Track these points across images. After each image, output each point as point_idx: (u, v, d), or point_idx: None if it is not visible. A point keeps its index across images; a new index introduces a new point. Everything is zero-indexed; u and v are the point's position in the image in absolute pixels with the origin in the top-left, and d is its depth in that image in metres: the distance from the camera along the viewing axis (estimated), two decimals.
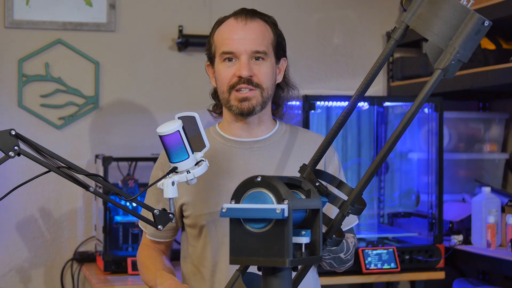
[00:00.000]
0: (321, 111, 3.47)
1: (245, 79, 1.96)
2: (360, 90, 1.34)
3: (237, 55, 1.98)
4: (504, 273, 3.33)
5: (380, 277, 3.19)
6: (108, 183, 1.62)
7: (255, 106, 1.98)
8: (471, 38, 1.21)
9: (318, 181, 1.35)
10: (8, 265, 3.43)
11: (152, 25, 3.64)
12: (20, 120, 3.46)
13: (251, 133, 2.06)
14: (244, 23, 2.00)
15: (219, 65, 2.02)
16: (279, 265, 1.24)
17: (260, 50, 1.98)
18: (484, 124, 3.79)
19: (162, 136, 1.62)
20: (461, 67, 1.24)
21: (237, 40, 1.99)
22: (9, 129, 1.50)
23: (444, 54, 1.22)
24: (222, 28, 2.05)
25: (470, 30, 1.20)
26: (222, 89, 2.01)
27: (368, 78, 1.33)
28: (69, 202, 3.51)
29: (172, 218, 1.66)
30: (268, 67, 2.00)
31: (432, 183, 3.35)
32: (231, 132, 2.06)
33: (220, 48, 2.01)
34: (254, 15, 2.03)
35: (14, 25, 3.45)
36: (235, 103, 1.99)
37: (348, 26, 3.92)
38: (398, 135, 1.26)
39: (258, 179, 1.27)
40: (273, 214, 1.22)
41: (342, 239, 1.35)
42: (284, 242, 1.23)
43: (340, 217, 1.32)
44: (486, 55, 3.40)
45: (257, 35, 2.00)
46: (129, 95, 3.61)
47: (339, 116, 1.38)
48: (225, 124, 2.08)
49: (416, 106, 1.24)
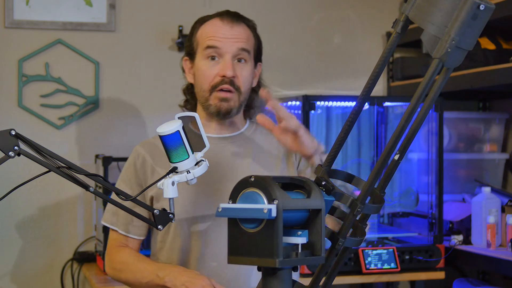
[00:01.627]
0: (321, 111, 3.47)
1: (228, 80, 1.99)
2: (367, 88, 1.31)
3: (221, 53, 2.01)
4: (504, 273, 3.33)
5: (380, 277, 3.18)
6: (108, 183, 1.62)
7: (232, 107, 2.03)
8: (469, 24, 1.16)
9: (326, 180, 1.33)
10: (8, 265, 3.43)
11: (152, 25, 3.64)
12: (20, 120, 3.46)
13: (222, 131, 2.10)
14: (230, 26, 2.05)
15: (201, 61, 2.04)
16: (269, 265, 1.24)
17: (246, 47, 2.03)
18: (484, 124, 3.79)
19: (162, 136, 1.62)
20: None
21: (223, 38, 2.02)
22: (9, 129, 1.50)
23: (440, 43, 1.18)
24: (207, 26, 2.08)
25: (465, 15, 1.15)
26: (203, 87, 2.04)
27: (374, 73, 1.30)
28: (69, 202, 3.51)
29: (172, 218, 1.66)
30: (249, 70, 2.05)
31: (432, 183, 3.35)
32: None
33: (204, 43, 2.03)
34: (239, 18, 2.08)
35: (14, 25, 3.45)
36: (215, 102, 2.02)
37: (348, 26, 3.92)
38: (408, 117, 1.21)
39: (251, 179, 1.28)
40: (260, 214, 1.23)
41: (362, 239, 1.33)
42: (273, 242, 1.22)
43: (352, 216, 1.29)
44: (486, 55, 3.39)
45: (242, 36, 2.04)
46: (129, 95, 3.60)
47: (349, 115, 1.35)
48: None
49: (417, 96, 1.19)
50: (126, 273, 2.02)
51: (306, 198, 1.29)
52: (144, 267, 1.98)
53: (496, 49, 3.43)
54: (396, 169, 1.29)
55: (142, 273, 1.98)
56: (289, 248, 1.27)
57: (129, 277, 2.02)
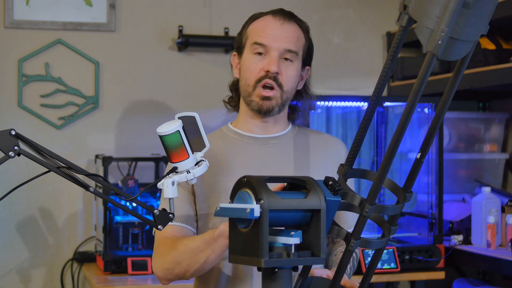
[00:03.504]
0: (321, 111, 3.47)
1: (272, 75, 1.97)
2: (379, 86, 1.25)
3: (268, 50, 1.99)
4: (504, 273, 3.33)
5: (380, 277, 3.18)
6: (108, 183, 1.61)
7: (274, 106, 2.00)
8: (462, 13, 1.10)
9: (333, 180, 1.31)
10: (8, 265, 3.43)
11: (152, 25, 3.64)
12: (20, 120, 3.46)
13: (266, 130, 2.07)
14: (281, 22, 2.02)
15: (248, 56, 2.03)
16: (256, 265, 1.24)
17: (292, 49, 2.00)
18: (484, 124, 3.79)
19: (162, 136, 1.62)
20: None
21: (271, 35, 2.00)
22: (9, 129, 1.49)
23: (432, 35, 1.13)
24: (258, 22, 2.05)
25: (454, 4, 1.10)
26: (248, 82, 2.01)
27: (386, 69, 1.24)
28: (69, 202, 3.51)
29: (172, 218, 1.65)
30: (294, 70, 2.02)
31: (432, 183, 3.35)
32: (247, 128, 2.07)
33: (253, 39, 2.02)
34: (291, 17, 2.05)
35: (14, 25, 3.45)
36: (257, 100, 2.00)
37: (348, 26, 3.92)
38: (406, 119, 1.19)
39: (244, 179, 1.28)
40: (243, 214, 1.23)
41: (386, 240, 1.30)
42: (259, 242, 1.22)
43: (361, 218, 1.26)
44: (486, 55, 3.40)
45: (292, 36, 2.01)
46: (129, 95, 3.61)
47: (364, 115, 1.32)
48: (240, 120, 2.09)
49: (414, 91, 1.14)
50: (181, 265, 1.88)
51: (304, 198, 1.29)
52: (194, 240, 1.86)
53: (496, 49, 3.43)
54: (420, 168, 1.26)
55: (193, 244, 1.85)
56: (281, 248, 1.27)
57: (189, 264, 1.87)
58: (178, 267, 1.89)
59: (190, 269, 1.87)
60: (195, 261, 1.85)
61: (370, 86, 3.88)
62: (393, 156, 1.22)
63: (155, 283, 2.98)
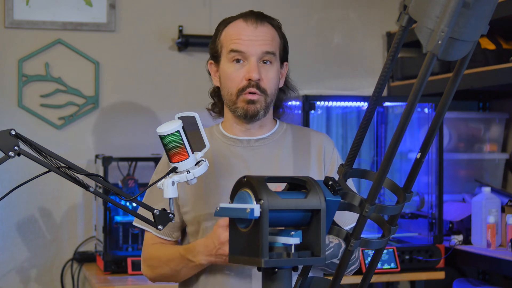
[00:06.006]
0: (321, 111, 3.47)
1: (254, 83, 1.97)
2: (379, 86, 1.25)
3: (246, 56, 1.98)
4: (504, 273, 3.33)
5: (380, 277, 3.18)
6: (108, 183, 1.62)
7: (259, 109, 2.00)
8: (461, 12, 1.10)
9: (333, 180, 1.31)
10: (8, 265, 3.43)
11: (152, 25, 3.64)
12: (20, 120, 3.46)
13: (251, 133, 2.07)
14: (254, 26, 2.00)
15: (226, 64, 2.02)
16: (256, 265, 1.24)
17: (270, 50, 1.99)
18: (484, 124, 3.79)
19: (162, 136, 1.62)
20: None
21: (247, 41, 1.99)
22: (9, 129, 1.50)
23: (432, 35, 1.13)
24: (230, 28, 2.04)
25: (454, 4, 1.09)
26: (230, 91, 2.01)
27: (386, 69, 1.24)
28: (69, 202, 3.51)
29: (172, 218, 1.65)
30: (274, 72, 2.02)
31: (432, 183, 3.35)
32: (232, 131, 2.07)
33: (229, 46, 2.00)
34: (263, 18, 2.04)
35: (14, 25, 3.45)
36: (242, 105, 1.99)
37: (348, 26, 3.92)
38: (406, 117, 1.19)
39: (244, 179, 1.28)
40: (243, 214, 1.23)
41: (386, 240, 1.30)
42: (259, 242, 1.23)
43: (361, 218, 1.25)
44: (486, 55, 3.40)
45: (267, 38, 2.01)
46: (129, 95, 3.61)
47: (364, 115, 1.32)
48: (226, 123, 2.09)
49: (414, 91, 1.15)
50: (162, 267, 2.01)
51: (304, 198, 1.29)
52: (173, 255, 1.97)
53: (496, 49, 3.43)
54: (420, 168, 1.26)
55: (174, 262, 1.97)
56: (281, 248, 1.27)
57: (165, 270, 2.01)
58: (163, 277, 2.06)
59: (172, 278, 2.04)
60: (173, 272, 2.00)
61: (370, 86, 3.88)
62: (393, 156, 1.22)
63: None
